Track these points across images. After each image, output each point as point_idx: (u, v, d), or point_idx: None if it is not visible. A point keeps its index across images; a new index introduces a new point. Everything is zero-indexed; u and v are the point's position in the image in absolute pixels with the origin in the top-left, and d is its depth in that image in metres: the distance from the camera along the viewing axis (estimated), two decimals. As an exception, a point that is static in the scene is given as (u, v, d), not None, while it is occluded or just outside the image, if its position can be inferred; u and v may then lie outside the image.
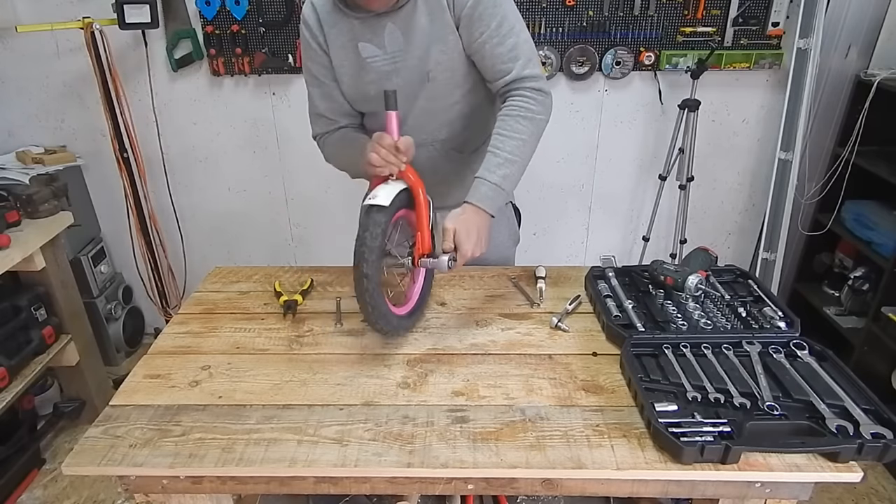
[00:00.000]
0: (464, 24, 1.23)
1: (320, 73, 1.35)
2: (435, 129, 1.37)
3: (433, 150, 1.40)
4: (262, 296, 1.43)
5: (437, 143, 1.39)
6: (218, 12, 2.28)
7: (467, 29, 1.23)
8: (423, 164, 1.40)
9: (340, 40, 1.30)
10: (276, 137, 2.56)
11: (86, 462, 0.95)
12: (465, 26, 1.23)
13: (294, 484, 0.98)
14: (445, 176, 1.44)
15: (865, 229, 2.26)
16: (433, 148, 1.39)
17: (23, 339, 2.03)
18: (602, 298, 1.32)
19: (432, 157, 1.41)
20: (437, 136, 1.38)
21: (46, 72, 2.42)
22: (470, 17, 1.22)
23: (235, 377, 1.13)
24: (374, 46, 1.28)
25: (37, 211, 2.08)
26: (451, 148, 1.41)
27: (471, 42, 1.25)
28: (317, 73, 1.36)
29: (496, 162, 1.23)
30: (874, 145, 2.27)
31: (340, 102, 1.39)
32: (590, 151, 2.58)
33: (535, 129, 1.26)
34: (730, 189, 2.66)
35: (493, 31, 1.22)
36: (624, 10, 2.27)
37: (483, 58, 1.26)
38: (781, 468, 0.90)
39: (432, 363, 1.17)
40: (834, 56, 2.35)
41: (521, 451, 0.94)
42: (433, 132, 1.37)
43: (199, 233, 2.78)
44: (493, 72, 1.28)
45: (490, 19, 1.22)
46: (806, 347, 1.13)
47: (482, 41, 1.24)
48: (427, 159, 1.40)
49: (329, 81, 1.36)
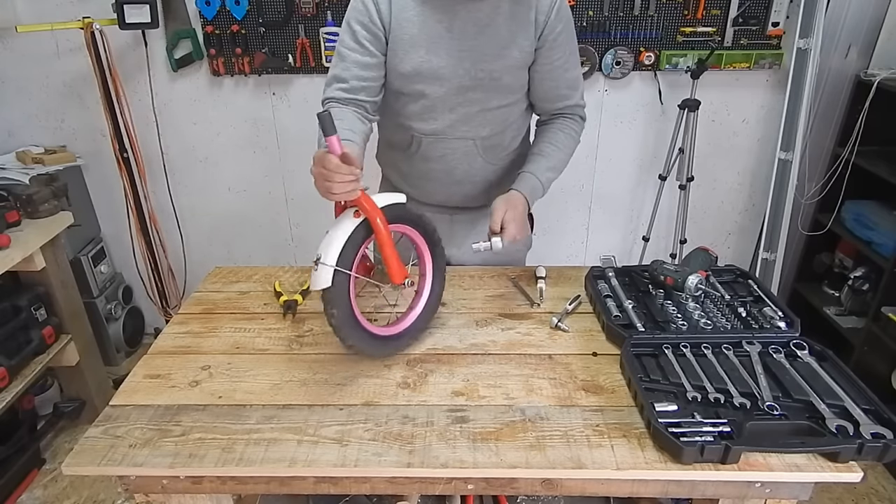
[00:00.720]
0: (547, 46, 1.30)
1: (368, 39, 1.27)
2: (479, 125, 1.37)
3: (472, 145, 1.39)
4: (262, 296, 1.43)
5: (478, 140, 1.39)
6: (218, 12, 2.28)
7: (548, 50, 1.31)
8: (459, 161, 1.41)
9: (408, 12, 1.26)
10: (276, 137, 2.55)
11: (86, 462, 0.95)
12: (548, 48, 1.31)
13: (294, 484, 0.98)
14: (475, 175, 1.45)
15: (865, 229, 2.26)
16: (472, 143, 1.39)
17: (23, 339, 2.03)
18: (602, 298, 1.32)
19: (469, 154, 1.40)
20: (480, 133, 1.38)
21: (46, 72, 2.42)
22: (554, 41, 1.30)
23: (235, 377, 1.13)
24: (443, 28, 1.26)
25: (37, 211, 2.08)
26: (489, 147, 1.41)
27: (545, 62, 1.33)
28: (363, 39, 1.27)
29: (545, 165, 1.38)
30: (874, 145, 2.27)
31: (375, 77, 1.31)
32: (590, 151, 2.58)
33: (574, 147, 1.46)
34: (730, 189, 2.66)
35: (567, 58, 1.35)
36: (624, 10, 2.27)
37: (550, 80, 1.36)
38: (781, 468, 0.90)
39: (432, 363, 1.17)
40: (834, 56, 2.35)
41: (521, 451, 0.94)
42: (477, 128, 1.37)
43: (199, 233, 2.77)
44: (554, 94, 1.40)
45: (567, 48, 1.34)
46: (806, 347, 1.13)
47: (556, 66, 1.34)
48: (464, 155, 1.40)
49: (377, 52, 1.28)
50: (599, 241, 2.81)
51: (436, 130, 1.36)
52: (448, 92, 1.31)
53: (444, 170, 1.42)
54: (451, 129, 1.35)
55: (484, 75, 1.29)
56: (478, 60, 1.28)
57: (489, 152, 1.42)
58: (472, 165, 1.42)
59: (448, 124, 1.35)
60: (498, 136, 1.41)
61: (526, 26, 1.26)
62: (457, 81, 1.30)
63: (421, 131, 1.37)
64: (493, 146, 1.41)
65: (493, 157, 1.43)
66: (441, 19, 1.26)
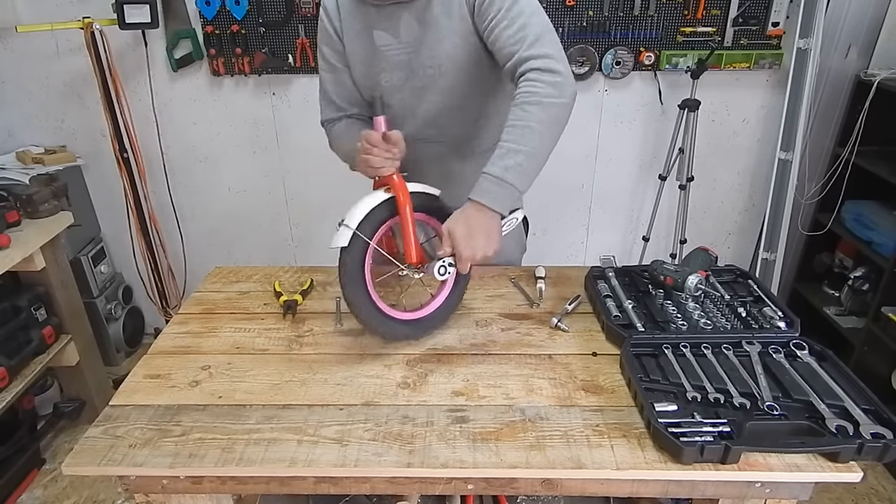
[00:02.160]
0: (477, 13, 1.21)
1: (333, 58, 1.35)
2: (447, 124, 1.36)
3: (443, 147, 1.38)
4: (262, 296, 1.43)
5: (449, 140, 1.38)
6: (218, 12, 2.28)
7: (480, 17, 1.20)
8: (432, 163, 1.40)
9: (356, 27, 1.30)
10: (276, 137, 2.55)
11: (86, 462, 0.95)
12: (479, 14, 1.20)
13: (294, 484, 0.98)
14: (455, 176, 1.42)
15: (865, 229, 2.26)
16: (443, 145, 1.38)
17: (23, 339, 2.03)
18: (602, 298, 1.32)
19: (442, 155, 1.39)
20: (449, 132, 1.37)
21: (46, 72, 2.42)
22: (481, 4, 1.19)
23: (235, 377, 1.13)
24: (388, 35, 1.27)
25: (37, 211, 2.08)
26: (463, 146, 1.40)
27: (483, 29, 1.21)
28: (330, 58, 1.36)
29: (499, 154, 1.12)
30: (874, 145, 2.27)
31: (351, 89, 1.39)
32: (590, 151, 2.58)
33: (545, 114, 1.11)
34: (730, 189, 2.66)
35: (503, 14, 1.17)
36: (624, 10, 2.27)
37: (493, 44, 1.21)
38: (781, 468, 0.90)
39: (432, 363, 1.17)
40: (834, 56, 2.35)
41: (521, 451, 0.94)
42: (445, 127, 1.36)
43: (199, 233, 2.77)
44: (501, 57, 1.20)
45: (501, 3, 1.17)
46: (806, 347, 1.13)
47: (492, 26, 1.19)
48: (437, 156, 1.39)
49: (342, 67, 1.36)
50: (599, 241, 2.81)
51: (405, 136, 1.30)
52: (405, 97, 1.32)
53: (419, 173, 1.38)
54: (419, 133, 1.35)
55: (433, 72, 1.28)
56: (425, 58, 1.27)
57: (463, 150, 1.40)
58: (446, 165, 1.41)
59: (414, 129, 1.34)
60: (471, 134, 1.39)
61: (456, 6, 1.21)
62: (410, 84, 1.30)
63: None
64: (467, 145, 1.40)
65: (468, 155, 1.41)
66: (386, 27, 1.27)
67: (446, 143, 1.38)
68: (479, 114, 1.37)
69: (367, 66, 1.32)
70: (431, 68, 1.28)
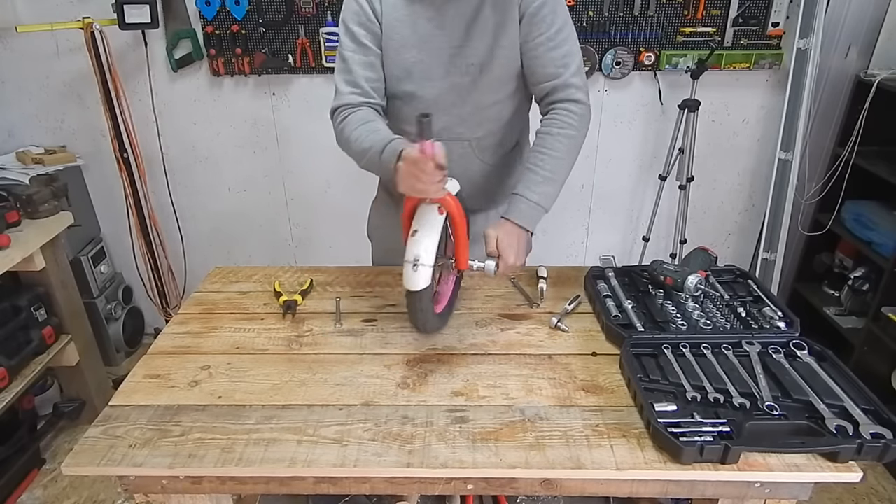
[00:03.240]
0: (526, 21, 1.24)
1: (367, 37, 1.28)
2: (475, 124, 1.35)
3: (467, 146, 1.37)
4: (262, 296, 1.43)
5: (474, 141, 1.37)
6: (218, 12, 2.28)
7: (528, 26, 1.24)
8: (455, 163, 1.35)
9: (399, 13, 1.27)
10: (276, 137, 2.55)
11: (86, 462, 0.95)
12: (527, 23, 1.24)
13: (294, 484, 0.98)
14: (473, 176, 1.41)
15: (865, 229, 2.26)
16: (468, 145, 1.37)
17: (23, 339, 2.03)
18: (602, 298, 1.32)
19: (465, 156, 1.38)
20: (475, 133, 1.36)
21: (46, 72, 2.42)
22: (534, 15, 1.23)
23: (235, 377, 1.13)
24: (433, 27, 1.26)
25: (37, 211, 2.08)
26: (485, 147, 1.39)
27: (528, 40, 1.26)
28: (363, 38, 1.28)
29: (536, 180, 1.24)
30: (874, 145, 2.27)
31: (380, 76, 1.32)
32: (590, 151, 2.58)
33: (573, 146, 1.28)
34: (730, 189, 2.66)
35: (552, 34, 1.24)
36: (624, 10, 2.27)
37: (536, 58, 1.27)
38: (781, 468, 0.90)
39: (432, 363, 1.17)
40: (834, 56, 2.35)
41: (521, 451, 0.94)
42: (472, 128, 1.35)
43: (199, 233, 2.77)
44: (541, 74, 1.28)
45: (552, 22, 1.24)
46: (806, 347, 1.13)
47: (539, 42, 1.25)
48: (460, 157, 1.37)
49: (376, 49, 1.29)
50: (599, 241, 2.81)
51: None
52: (441, 92, 1.30)
53: None
54: (446, 131, 1.33)
55: (475, 69, 1.28)
56: (469, 55, 1.27)
57: (486, 153, 1.40)
58: (468, 167, 1.40)
59: (443, 126, 1.32)
60: (494, 135, 1.38)
61: (508, 7, 1.24)
62: (449, 80, 1.29)
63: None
64: (489, 146, 1.40)
65: (489, 158, 1.41)
66: (431, 17, 1.26)
67: (471, 141, 1.37)
68: (504, 118, 1.37)
69: (404, 55, 1.28)
70: (473, 66, 1.28)
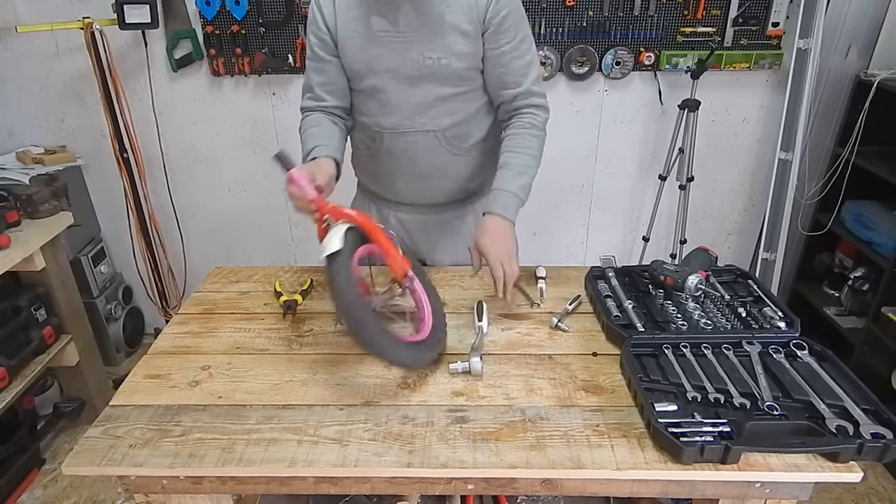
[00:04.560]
0: (491, 31, 1.29)
1: (319, 47, 1.36)
2: (438, 116, 1.38)
3: (433, 137, 1.40)
4: (262, 296, 1.43)
5: (439, 132, 1.39)
6: (218, 12, 2.28)
7: (494, 35, 1.30)
8: (422, 153, 1.42)
9: (353, 12, 1.31)
10: (276, 137, 2.55)
11: (86, 462, 0.95)
12: (493, 33, 1.29)
13: (294, 484, 0.98)
14: (444, 165, 1.45)
15: (865, 229, 2.26)
16: (433, 135, 1.40)
17: (23, 339, 2.03)
18: (602, 298, 1.32)
19: (431, 146, 1.41)
20: (440, 123, 1.38)
21: (46, 72, 2.42)
22: (500, 24, 1.28)
23: (235, 377, 1.13)
24: (386, 22, 1.29)
25: (37, 211, 2.08)
26: (452, 138, 1.41)
27: (492, 48, 1.31)
28: (316, 48, 1.37)
29: (510, 174, 1.33)
30: (874, 145, 2.27)
31: (332, 79, 1.39)
32: (590, 151, 2.58)
33: (540, 145, 1.39)
34: (730, 189, 2.66)
35: (516, 44, 1.31)
36: (624, 10, 2.27)
37: (499, 66, 1.33)
38: (781, 468, 0.90)
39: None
40: (834, 56, 2.35)
41: (521, 451, 0.94)
42: (436, 119, 1.38)
43: (199, 233, 2.77)
44: (504, 81, 1.35)
45: (516, 32, 1.31)
46: (806, 347, 1.13)
47: (504, 51, 1.31)
48: (426, 147, 1.41)
49: (327, 56, 1.37)
50: (599, 241, 2.81)
51: (395, 124, 1.38)
52: (400, 84, 1.34)
53: (408, 164, 1.44)
54: (410, 122, 1.37)
55: (432, 63, 1.30)
56: (424, 49, 1.29)
57: (452, 143, 1.42)
58: (436, 157, 1.43)
59: (406, 116, 1.37)
60: (459, 126, 1.41)
61: (466, 11, 1.27)
62: (406, 72, 1.32)
63: (381, 126, 1.40)
64: (455, 136, 1.41)
65: (457, 149, 1.43)
66: (385, 13, 1.29)
67: (436, 132, 1.39)
68: (468, 108, 1.40)
69: (363, 51, 1.33)
70: (430, 59, 1.30)
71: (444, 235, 1.56)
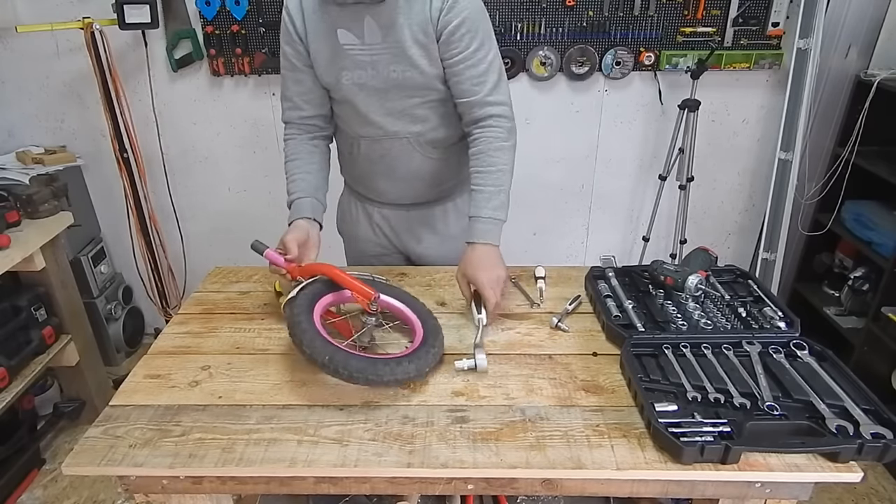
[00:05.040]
0: (444, 40, 1.29)
1: (294, 56, 1.38)
2: (409, 122, 1.40)
3: (406, 143, 1.42)
4: (262, 296, 1.43)
5: (412, 137, 1.42)
6: (218, 12, 2.28)
7: (446, 45, 1.29)
8: (398, 158, 1.45)
9: (321, 27, 1.32)
10: (276, 137, 2.55)
11: (86, 462, 0.95)
12: (445, 42, 1.29)
13: (294, 484, 0.98)
14: (419, 169, 1.47)
15: (865, 229, 2.26)
16: (406, 141, 1.42)
17: (23, 339, 2.03)
18: (602, 298, 1.32)
19: (406, 151, 1.43)
20: (411, 129, 1.41)
21: (46, 72, 2.42)
22: (451, 34, 1.27)
23: (235, 377, 1.13)
24: (352, 35, 1.31)
25: (37, 211, 2.08)
26: (425, 143, 1.43)
27: (446, 58, 1.31)
28: (291, 57, 1.39)
29: (483, 198, 1.30)
30: (874, 145, 2.27)
31: (309, 88, 1.42)
32: (590, 151, 2.58)
33: (508, 157, 1.34)
34: (730, 189, 2.66)
35: (469, 53, 1.29)
36: (624, 10, 2.27)
37: (453, 75, 1.33)
38: (781, 468, 0.90)
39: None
40: (834, 56, 2.35)
41: (521, 451, 0.94)
42: (407, 125, 1.40)
43: (199, 233, 2.77)
44: (459, 90, 1.34)
45: (469, 42, 1.28)
46: (806, 347, 1.13)
47: (457, 60, 1.30)
48: (401, 152, 1.43)
49: (302, 66, 1.39)
50: (599, 241, 2.81)
51: (370, 132, 1.42)
52: (370, 95, 1.36)
53: (386, 168, 1.47)
54: (383, 130, 1.40)
55: (396, 75, 1.32)
56: (388, 62, 1.31)
57: (426, 148, 1.44)
58: (411, 162, 1.45)
59: (379, 125, 1.39)
60: (432, 131, 1.42)
61: (422, 22, 1.27)
62: (374, 84, 1.34)
63: (358, 134, 1.43)
64: (429, 141, 1.43)
65: (432, 153, 1.45)
66: (350, 27, 1.30)
67: (409, 138, 1.42)
68: (438, 113, 1.41)
69: (331, 64, 1.35)
70: (395, 72, 1.32)
71: (427, 231, 1.59)
